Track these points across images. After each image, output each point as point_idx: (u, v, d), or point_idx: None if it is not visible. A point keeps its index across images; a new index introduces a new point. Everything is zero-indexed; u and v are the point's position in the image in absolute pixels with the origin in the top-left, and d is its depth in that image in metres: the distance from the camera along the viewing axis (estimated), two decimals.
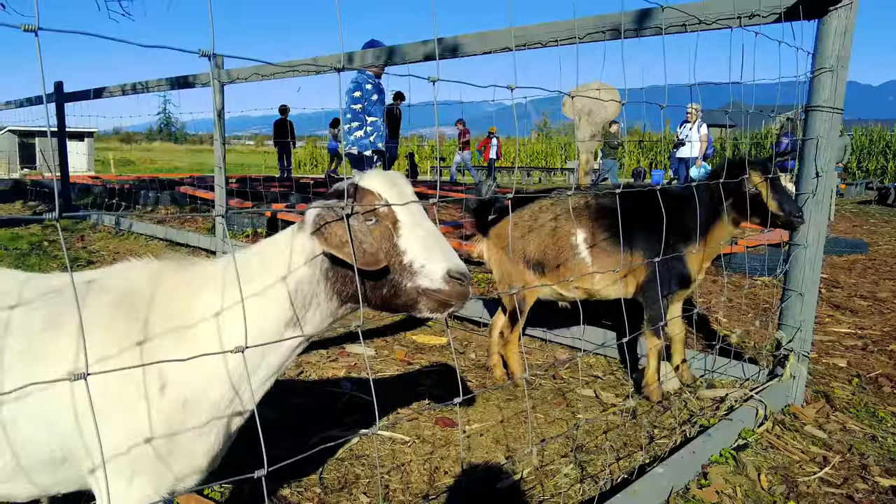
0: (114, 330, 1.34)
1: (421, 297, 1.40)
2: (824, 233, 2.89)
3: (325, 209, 1.35)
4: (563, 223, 3.09)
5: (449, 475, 2.33)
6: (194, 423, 1.36)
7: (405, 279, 1.39)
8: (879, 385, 3.23)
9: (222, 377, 1.38)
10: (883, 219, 11.31)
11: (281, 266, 1.43)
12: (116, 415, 1.30)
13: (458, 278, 1.39)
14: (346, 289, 1.43)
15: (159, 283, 1.43)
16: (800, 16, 2.60)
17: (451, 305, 1.41)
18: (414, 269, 1.39)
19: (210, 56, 0.95)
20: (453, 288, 1.39)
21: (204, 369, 1.35)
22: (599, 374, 3.37)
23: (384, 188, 1.41)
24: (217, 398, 1.39)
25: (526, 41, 3.14)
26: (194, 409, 1.36)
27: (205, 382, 1.37)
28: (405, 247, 1.39)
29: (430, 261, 1.39)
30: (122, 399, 1.30)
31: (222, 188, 6.46)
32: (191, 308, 1.40)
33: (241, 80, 5.97)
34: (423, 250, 1.39)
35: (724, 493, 2.20)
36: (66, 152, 9.39)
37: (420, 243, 1.40)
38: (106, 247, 7.10)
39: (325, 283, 1.42)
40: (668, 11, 2.66)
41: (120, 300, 1.39)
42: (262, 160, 35.53)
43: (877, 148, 27.13)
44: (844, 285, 5.51)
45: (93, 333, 1.32)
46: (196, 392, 1.36)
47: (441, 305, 1.41)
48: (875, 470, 2.38)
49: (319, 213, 1.35)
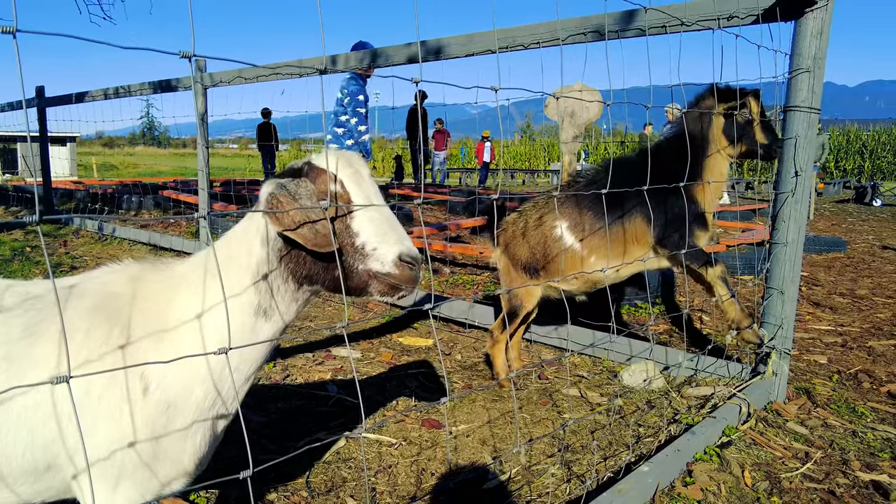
0: (94, 335, 1.33)
1: (372, 279, 1.39)
2: (804, 231, 2.93)
3: (278, 187, 1.32)
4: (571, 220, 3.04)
5: (436, 476, 2.33)
6: (179, 425, 1.35)
7: (357, 262, 1.38)
8: (859, 381, 3.28)
9: (204, 376, 1.37)
10: (860, 217, 11.49)
11: (243, 252, 1.41)
12: (100, 419, 1.29)
13: (408, 262, 1.38)
14: (300, 270, 1.41)
15: (137, 285, 1.41)
16: (777, 17, 2.64)
17: (401, 289, 1.40)
18: (366, 251, 1.37)
19: (190, 58, 0.95)
20: (403, 272, 1.38)
21: (185, 369, 1.34)
22: (585, 374, 3.39)
23: (340, 168, 1.38)
24: (201, 398, 1.37)
25: (509, 43, 3.15)
26: (178, 410, 1.35)
27: (187, 382, 1.36)
28: (358, 229, 1.37)
29: (383, 244, 1.37)
30: (106, 403, 1.29)
31: (205, 191, 6.42)
32: (169, 308, 1.39)
33: (223, 84, 5.94)
34: (376, 233, 1.38)
35: (709, 491, 2.21)
36: (48, 157, 9.28)
37: (373, 226, 1.38)
38: (89, 252, 7.02)
39: (280, 264, 1.40)
40: (651, 13, 2.69)
41: (99, 304, 1.37)
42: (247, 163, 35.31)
43: (854, 147, 27.62)
44: (824, 283, 5.59)
45: (74, 339, 1.31)
46: (179, 393, 1.35)
47: (391, 289, 1.40)
48: (855, 465, 2.42)
49: (272, 191, 1.32)
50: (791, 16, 2.67)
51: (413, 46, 3.58)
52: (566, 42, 3.00)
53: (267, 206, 1.32)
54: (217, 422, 1.44)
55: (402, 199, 9.53)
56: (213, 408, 1.40)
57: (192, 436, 1.38)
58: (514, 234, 3.13)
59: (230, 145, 70.89)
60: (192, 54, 0.95)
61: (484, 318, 4.05)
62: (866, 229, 9.66)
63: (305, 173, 1.39)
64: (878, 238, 8.60)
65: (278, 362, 3.46)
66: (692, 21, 2.76)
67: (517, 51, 3.22)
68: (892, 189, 14.29)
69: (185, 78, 6.44)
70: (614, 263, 2.99)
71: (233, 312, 1.38)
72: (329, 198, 1.35)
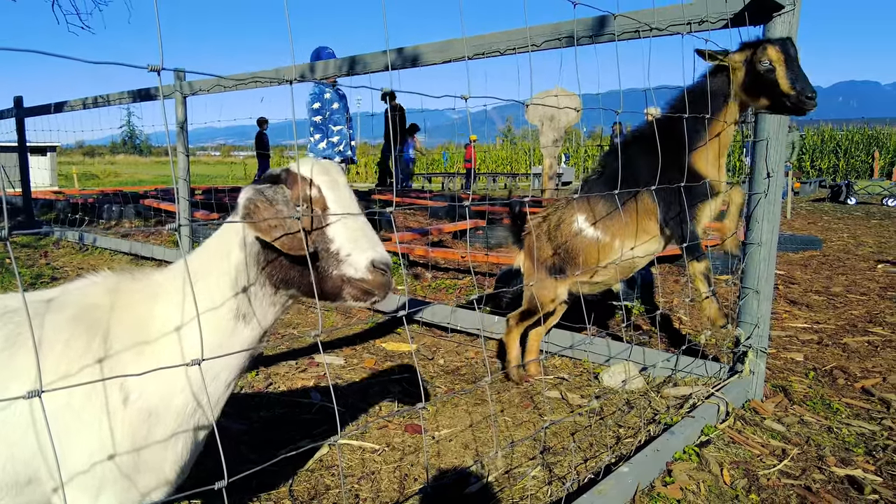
0: (73, 346, 1.33)
1: (345, 285, 1.42)
2: (777, 231, 2.98)
3: (256, 193, 1.36)
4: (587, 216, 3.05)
5: (419, 482, 2.34)
6: (160, 435, 1.36)
7: (331, 267, 1.41)
8: (834, 377, 3.34)
9: (183, 384, 1.38)
10: (836, 216, 11.69)
11: (223, 257, 1.45)
12: (81, 431, 1.29)
13: (381, 269, 1.41)
14: (276, 273, 1.44)
15: (116, 296, 1.42)
16: (746, 22, 2.69)
17: (374, 294, 1.43)
18: (340, 257, 1.40)
19: (159, 71, 0.96)
20: (376, 278, 1.41)
21: (165, 378, 1.34)
22: (566, 376, 3.42)
23: (316, 175, 1.42)
24: (181, 406, 1.38)
25: (485, 50, 3.18)
26: (159, 419, 1.36)
27: (167, 391, 1.37)
28: (332, 235, 1.41)
29: (356, 250, 1.40)
30: (86, 415, 1.30)
31: (186, 200, 6.38)
32: (149, 317, 1.40)
33: (203, 92, 5.92)
34: (350, 240, 1.41)
35: (688, 489, 2.25)
36: (27, 167, 9.16)
37: (347, 232, 1.41)
38: (70, 262, 6.94)
39: (256, 267, 1.43)
40: (620, 19, 2.73)
41: (78, 315, 1.38)
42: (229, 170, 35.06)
43: (828, 147, 28.11)
44: (800, 281, 5.68)
45: (53, 350, 1.31)
46: (159, 402, 1.36)
47: (364, 294, 1.43)
48: (831, 460, 2.46)
49: (250, 197, 1.36)
50: (760, 20, 2.72)
51: (391, 54, 3.60)
52: (541, 48, 3.04)
53: (244, 211, 1.35)
54: (198, 430, 1.44)
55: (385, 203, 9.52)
56: (194, 416, 1.41)
57: (174, 445, 1.39)
58: (539, 236, 3.19)
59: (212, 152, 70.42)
60: (161, 68, 0.95)
61: (466, 322, 4.07)
62: (841, 227, 9.83)
63: (283, 180, 1.42)
64: (852, 236, 8.76)
65: (261, 370, 3.45)
66: (664, 26, 2.80)
67: (494, 56, 3.25)
68: (865, 187, 14.55)
69: (165, 87, 6.40)
70: (632, 243, 2.97)
71: (213, 317, 1.41)
72: (304, 203, 1.39)
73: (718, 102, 2.78)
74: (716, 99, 2.77)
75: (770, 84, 2.64)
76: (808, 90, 2.59)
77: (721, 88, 2.78)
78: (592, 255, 3.05)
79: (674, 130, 2.78)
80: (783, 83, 2.61)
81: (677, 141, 2.77)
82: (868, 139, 27.79)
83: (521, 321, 3.30)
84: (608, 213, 2.99)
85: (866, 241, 8.24)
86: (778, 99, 2.65)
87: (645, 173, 2.84)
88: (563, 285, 3.16)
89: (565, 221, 3.12)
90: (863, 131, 28.16)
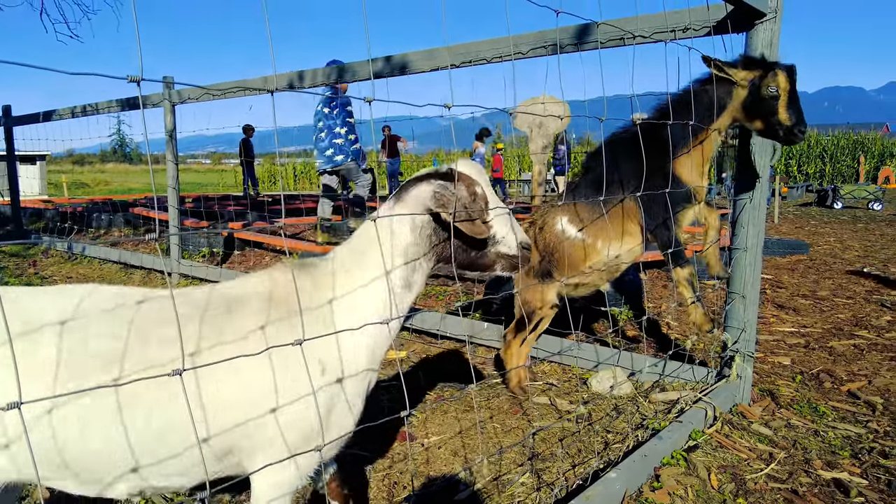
0: (277, 328, 1.51)
1: (500, 259, 1.77)
2: (762, 236, 3.01)
3: (441, 187, 1.64)
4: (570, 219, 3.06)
5: (408, 490, 2.33)
6: (344, 398, 1.57)
7: (490, 246, 1.75)
8: (821, 381, 3.37)
9: (361, 350, 1.61)
10: (822, 220, 11.80)
11: (394, 238, 1.67)
12: (283, 401, 1.46)
13: (526, 247, 1.78)
14: (444, 251, 1.73)
15: (301, 282, 1.62)
16: (728, 29, 2.72)
17: (517, 268, 1.78)
18: (497, 238, 1.74)
19: (139, 82, 0.96)
20: (524, 254, 1.78)
21: (351, 345, 1.57)
22: (555, 382, 3.43)
23: (476, 174, 1.72)
24: (361, 370, 1.61)
25: (471, 58, 3.20)
26: (344, 384, 1.57)
27: (351, 359, 1.58)
28: (492, 222, 1.73)
29: (509, 234, 1.75)
30: (295, 384, 1.48)
31: (175, 208, 6.36)
32: (330, 295, 1.62)
33: (191, 100, 5.92)
34: (503, 225, 1.75)
35: (676, 494, 2.25)
36: (16, 176, 9.11)
37: (500, 219, 1.74)
38: (59, 271, 6.90)
39: (428, 245, 1.70)
40: (603, 27, 2.75)
41: (279, 299, 1.57)
42: (219, 178, 34.96)
43: (815, 152, 28.42)
44: (788, 285, 5.72)
45: (255, 335, 1.48)
46: (346, 369, 1.57)
47: (513, 267, 1.78)
48: (817, 463, 2.48)
49: (437, 190, 1.64)
50: (742, 27, 2.76)
51: (378, 62, 3.61)
52: (528, 56, 3.06)
53: (435, 200, 1.63)
54: (368, 390, 1.67)
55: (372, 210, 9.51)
56: (367, 378, 1.64)
57: (355, 405, 1.61)
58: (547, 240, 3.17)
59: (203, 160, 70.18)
60: (140, 79, 0.96)
61: (455, 329, 4.07)
62: (828, 231, 9.92)
63: (455, 178, 1.68)
64: (839, 240, 8.84)
65: None
66: (648, 33, 2.83)
67: (480, 64, 3.27)
68: (851, 192, 14.70)
69: (154, 95, 6.40)
70: (616, 245, 2.98)
71: (386, 288, 1.65)
72: (473, 196, 1.68)
73: (713, 112, 2.79)
74: (711, 109, 2.78)
75: (770, 110, 2.67)
76: (801, 125, 2.65)
77: (720, 100, 2.78)
78: (578, 256, 3.06)
79: (660, 135, 2.79)
80: (783, 113, 2.65)
81: (662, 146, 2.78)
82: (853, 144, 28.12)
83: (518, 333, 3.26)
84: (593, 215, 2.99)
85: (852, 244, 8.31)
86: (773, 126, 2.69)
87: (628, 175, 2.86)
88: (552, 289, 3.16)
89: (549, 224, 3.13)
90: (848, 136, 28.50)
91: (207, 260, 7.22)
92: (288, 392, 1.47)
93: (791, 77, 2.65)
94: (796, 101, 2.66)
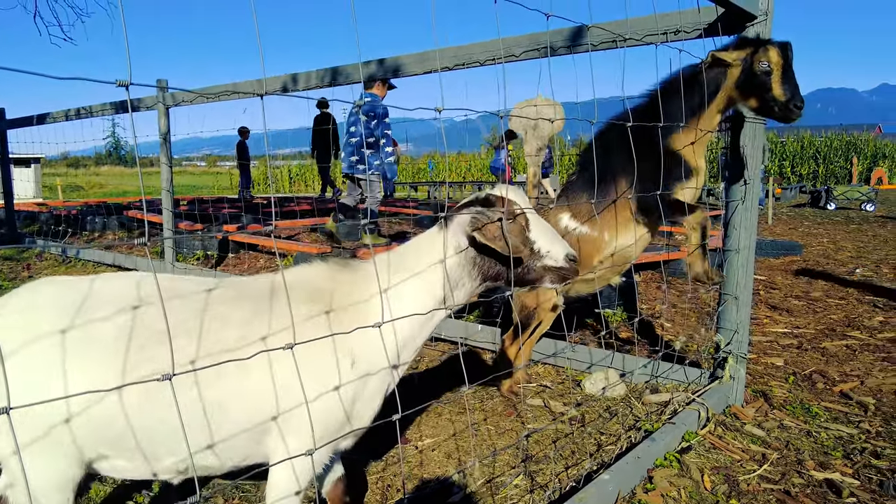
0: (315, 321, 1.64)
1: (547, 272, 1.83)
2: (755, 237, 3.02)
3: (479, 213, 1.74)
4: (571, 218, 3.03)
5: (402, 492, 2.33)
6: (368, 392, 1.70)
7: (535, 261, 1.82)
8: (813, 382, 3.38)
9: (391, 347, 1.72)
10: (816, 221, 11.85)
11: (434, 257, 1.79)
12: (315, 390, 1.58)
13: (573, 259, 1.84)
14: (489, 270, 1.82)
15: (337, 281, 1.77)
16: (719, 32, 2.73)
17: (567, 278, 1.85)
18: (541, 253, 1.81)
19: (127, 86, 0.96)
20: (571, 266, 1.84)
21: (379, 344, 1.68)
22: (549, 384, 3.43)
23: (515, 196, 1.81)
24: (385, 365, 1.72)
25: (464, 60, 3.21)
26: (369, 379, 1.69)
27: (377, 359, 1.69)
28: (535, 238, 1.81)
29: (553, 248, 1.82)
30: (323, 374, 1.60)
31: (169, 212, 6.34)
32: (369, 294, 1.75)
33: (185, 103, 5.91)
34: (547, 240, 1.82)
35: (669, 496, 2.26)
36: (10, 179, 9.08)
37: (544, 235, 1.83)
38: (53, 274, 6.86)
39: (473, 267, 1.81)
40: (593, 30, 2.76)
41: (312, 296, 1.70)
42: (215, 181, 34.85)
43: (808, 153, 28.53)
44: (781, 286, 5.74)
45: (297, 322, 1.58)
46: (371, 366, 1.69)
47: (561, 279, 1.84)
48: (810, 464, 2.49)
49: (475, 217, 1.74)
50: (733, 30, 2.77)
51: (372, 65, 3.61)
52: (520, 58, 3.07)
53: (473, 226, 1.73)
54: (389, 385, 1.79)
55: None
56: (388, 376, 1.75)
57: (377, 399, 1.75)
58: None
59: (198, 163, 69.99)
60: (129, 83, 0.96)
61: (450, 331, 4.07)
62: (821, 232, 9.96)
63: (493, 202, 1.78)
64: (832, 241, 8.87)
65: None
66: (640, 36, 2.84)
67: (474, 67, 3.27)
68: (844, 193, 14.75)
69: (148, 98, 6.39)
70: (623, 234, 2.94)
71: (424, 301, 1.78)
72: (513, 218, 1.77)
73: (708, 93, 2.75)
74: (705, 89, 2.74)
75: (764, 86, 2.64)
76: (797, 100, 2.61)
77: (714, 81, 2.74)
78: (586, 251, 3.00)
79: (653, 118, 2.75)
80: (777, 88, 2.61)
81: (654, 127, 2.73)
82: (846, 145, 28.24)
83: (516, 338, 3.20)
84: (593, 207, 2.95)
85: (845, 245, 8.35)
86: (767, 103, 2.66)
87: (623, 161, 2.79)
88: (551, 295, 3.14)
89: (550, 222, 3.09)
90: (841, 137, 28.62)
91: (202, 262, 7.20)
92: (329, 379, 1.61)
93: (784, 53, 2.61)
94: (792, 78, 2.62)
